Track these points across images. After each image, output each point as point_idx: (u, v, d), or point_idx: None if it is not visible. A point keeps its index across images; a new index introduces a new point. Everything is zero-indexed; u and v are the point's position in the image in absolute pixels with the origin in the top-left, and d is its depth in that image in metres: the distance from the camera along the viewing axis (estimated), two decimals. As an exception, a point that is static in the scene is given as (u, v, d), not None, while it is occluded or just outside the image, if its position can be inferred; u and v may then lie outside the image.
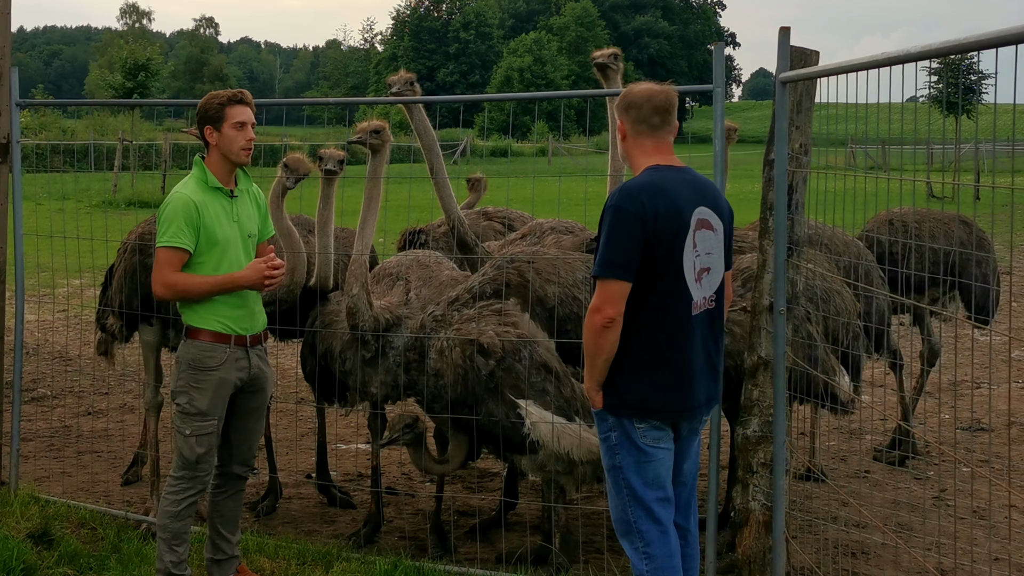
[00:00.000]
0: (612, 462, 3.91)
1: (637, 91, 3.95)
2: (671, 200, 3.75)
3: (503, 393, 5.08)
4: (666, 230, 3.72)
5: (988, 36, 3.09)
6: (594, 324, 3.73)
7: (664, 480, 3.89)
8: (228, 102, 4.65)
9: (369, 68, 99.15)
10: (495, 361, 5.10)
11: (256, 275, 4.62)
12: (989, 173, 27.64)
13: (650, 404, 3.81)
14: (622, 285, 3.70)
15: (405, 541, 5.74)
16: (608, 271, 3.70)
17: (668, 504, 3.91)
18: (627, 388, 3.81)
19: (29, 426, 7.72)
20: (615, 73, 5.98)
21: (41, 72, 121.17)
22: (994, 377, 9.44)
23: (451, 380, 5.18)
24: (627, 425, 3.85)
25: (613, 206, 3.73)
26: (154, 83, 40.87)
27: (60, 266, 7.76)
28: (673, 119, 3.94)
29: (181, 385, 4.63)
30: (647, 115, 3.89)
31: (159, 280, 4.56)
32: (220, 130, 4.63)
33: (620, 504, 3.91)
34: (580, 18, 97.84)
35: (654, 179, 3.81)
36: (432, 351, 5.29)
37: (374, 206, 5.56)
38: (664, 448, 3.88)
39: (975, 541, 5.69)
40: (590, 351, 3.80)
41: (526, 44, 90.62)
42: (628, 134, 3.95)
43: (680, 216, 3.77)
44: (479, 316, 5.27)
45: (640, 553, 3.87)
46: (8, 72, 6.26)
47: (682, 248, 3.77)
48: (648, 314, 3.76)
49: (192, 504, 4.67)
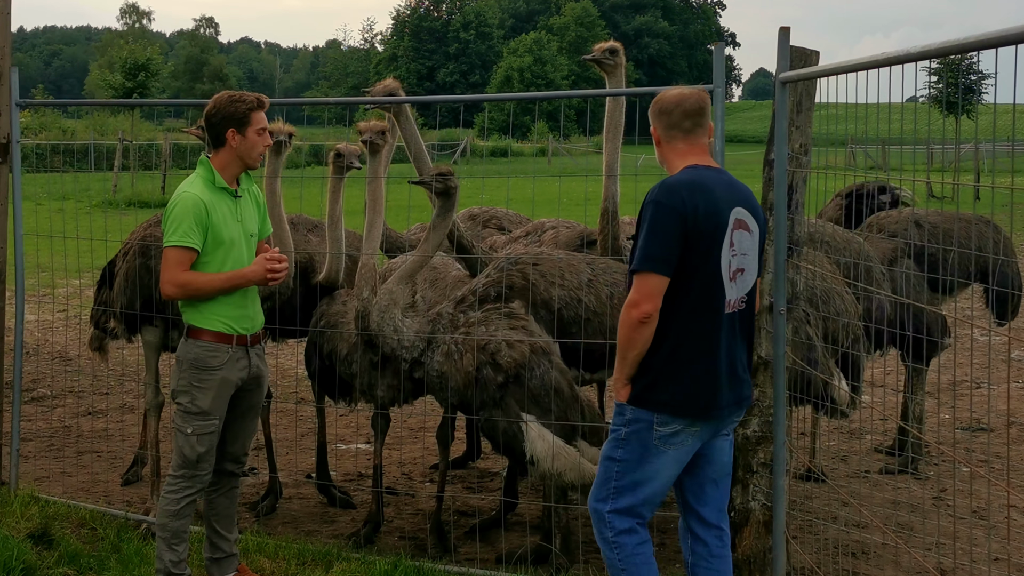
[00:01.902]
0: (612, 454, 3.89)
1: (668, 97, 3.94)
2: (710, 198, 3.75)
3: (509, 404, 5.07)
4: (705, 227, 3.72)
5: (988, 36, 3.09)
6: (631, 318, 3.70)
7: (660, 485, 3.87)
8: (256, 107, 4.65)
9: (369, 68, 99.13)
10: (508, 375, 5.08)
11: (260, 269, 4.65)
12: (989, 173, 27.65)
13: (680, 401, 3.78)
14: (661, 280, 3.68)
15: (405, 541, 5.74)
16: (647, 265, 3.68)
17: (651, 507, 3.90)
18: (657, 384, 3.78)
19: (29, 426, 7.72)
20: (613, 68, 5.92)
21: (41, 72, 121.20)
22: (994, 377, 9.44)
23: (458, 384, 5.18)
24: (646, 422, 3.80)
25: (654, 201, 3.71)
26: (154, 83, 40.82)
27: (60, 266, 7.75)
28: (706, 121, 3.93)
29: (183, 384, 4.64)
30: (678, 120, 3.89)
31: (169, 280, 4.56)
32: (244, 134, 4.63)
33: (603, 494, 3.90)
34: (580, 18, 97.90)
35: (693, 177, 3.80)
36: (438, 353, 5.28)
37: (379, 207, 5.55)
38: (678, 450, 3.83)
39: (975, 541, 5.69)
40: (623, 345, 3.77)
41: (526, 44, 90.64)
42: (661, 139, 3.94)
43: (719, 214, 3.76)
44: (487, 320, 5.25)
45: (608, 542, 3.88)
46: (8, 72, 6.26)
47: (720, 246, 3.76)
48: (683, 311, 3.75)
49: (191, 503, 4.67)
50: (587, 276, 5.52)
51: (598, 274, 5.55)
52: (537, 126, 41.90)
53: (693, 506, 4.02)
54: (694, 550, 4.03)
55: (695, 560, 4.03)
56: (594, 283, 5.50)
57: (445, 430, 5.81)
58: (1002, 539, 5.75)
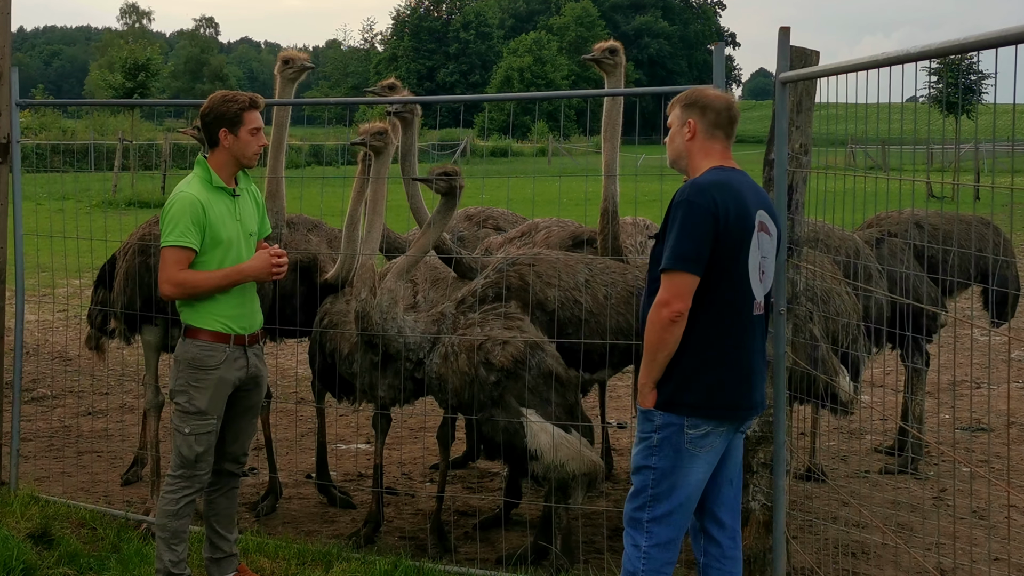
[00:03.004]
0: (646, 462, 3.83)
1: (714, 95, 3.92)
2: (740, 199, 3.75)
3: (508, 400, 5.08)
4: (735, 228, 3.71)
5: (988, 36, 3.09)
6: (661, 318, 3.68)
7: (694, 488, 3.83)
8: (249, 107, 4.65)
9: (369, 68, 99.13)
10: (503, 372, 5.10)
11: (264, 265, 4.64)
12: (989, 173, 27.65)
13: (712, 403, 3.76)
14: (692, 279, 3.67)
15: (405, 541, 5.74)
16: (679, 264, 3.66)
17: (687, 514, 3.87)
18: (688, 386, 3.75)
19: (29, 426, 7.72)
20: (612, 68, 5.92)
21: (41, 72, 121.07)
22: (994, 377, 9.44)
23: (456, 386, 5.19)
24: (677, 425, 3.77)
25: (685, 200, 3.70)
26: (154, 83, 40.81)
27: (60, 266, 7.75)
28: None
29: (180, 384, 4.64)
30: (725, 123, 3.88)
31: (167, 279, 4.56)
32: (237, 134, 4.63)
33: (640, 503, 3.85)
34: (580, 18, 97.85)
35: (722, 178, 3.79)
36: (436, 355, 5.28)
37: (379, 208, 5.55)
38: (709, 452, 3.81)
39: (975, 541, 5.69)
40: (652, 346, 3.73)
41: (526, 44, 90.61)
42: (699, 135, 3.88)
43: (748, 216, 3.76)
44: (484, 321, 5.26)
45: (641, 551, 3.83)
46: (8, 72, 6.26)
47: (748, 247, 3.76)
48: (713, 311, 3.74)
49: (190, 503, 4.67)
50: (584, 277, 5.52)
51: (596, 275, 5.54)
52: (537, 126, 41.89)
53: (709, 507, 3.99)
54: (707, 551, 4.01)
55: (707, 561, 4.01)
56: (591, 284, 5.50)
57: (445, 430, 5.81)
58: (1002, 539, 5.75)
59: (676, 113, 3.94)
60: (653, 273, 3.84)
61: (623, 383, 9.05)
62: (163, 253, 4.58)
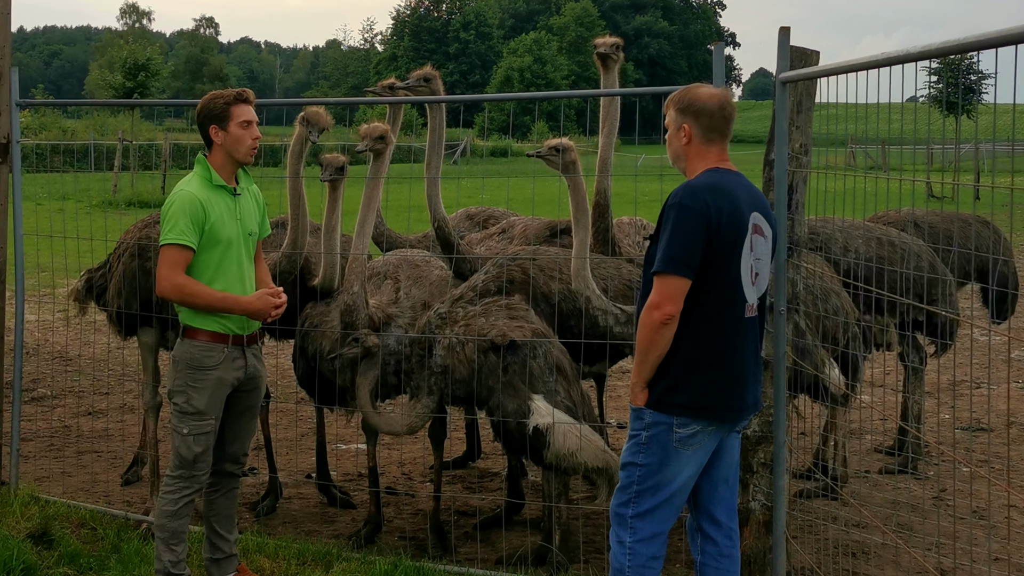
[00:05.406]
0: (633, 459, 3.87)
1: (707, 97, 3.88)
2: (733, 201, 3.75)
3: (516, 386, 5.10)
4: (728, 231, 3.72)
5: (988, 36, 3.10)
6: (652, 320, 3.70)
7: (680, 486, 3.85)
8: (234, 101, 4.65)
9: (369, 68, 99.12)
10: (510, 355, 5.13)
11: (264, 306, 4.64)
12: (989, 173, 27.65)
13: (702, 403, 3.78)
14: (683, 282, 3.69)
15: (405, 541, 5.74)
16: (671, 267, 3.68)
17: (673, 510, 3.89)
18: (679, 386, 3.78)
19: (29, 426, 7.72)
20: (615, 64, 5.95)
21: (41, 72, 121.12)
22: (994, 377, 9.43)
23: (463, 375, 5.20)
24: (666, 425, 3.79)
25: (678, 203, 3.71)
26: (154, 83, 40.80)
27: (60, 266, 7.74)
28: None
29: (179, 385, 4.64)
30: (720, 124, 3.87)
31: (167, 278, 4.55)
32: (227, 129, 4.63)
33: (625, 499, 3.89)
34: (580, 18, 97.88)
35: (716, 180, 3.79)
36: (439, 347, 5.29)
37: (373, 205, 5.58)
38: (698, 451, 3.83)
39: (975, 541, 5.69)
40: (644, 347, 3.76)
41: (526, 44, 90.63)
42: (695, 139, 3.87)
43: (741, 218, 3.77)
44: (487, 311, 5.31)
45: (626, 547, 3.86)
46: (8, 72, 6.26)
47: (741, 250, 3.77)
48: (705, 313, 3.75)
49: (189, 503, 4.67)
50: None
51: (593, 268, 5.60)
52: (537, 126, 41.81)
53: (705, 505, 4.01)
54: (704, 549, 4.02)
55: (704, 560, 4.02)
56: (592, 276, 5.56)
57: (436, 428, 5.81)
58: (1002, 539, 5.75)
59: (671, 116, 3.95)
60: (647, 275, 3.85)
61: (623, 383, 9.05)
62: (162, 251, 4.58)
